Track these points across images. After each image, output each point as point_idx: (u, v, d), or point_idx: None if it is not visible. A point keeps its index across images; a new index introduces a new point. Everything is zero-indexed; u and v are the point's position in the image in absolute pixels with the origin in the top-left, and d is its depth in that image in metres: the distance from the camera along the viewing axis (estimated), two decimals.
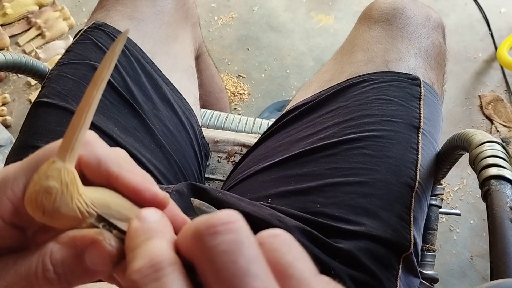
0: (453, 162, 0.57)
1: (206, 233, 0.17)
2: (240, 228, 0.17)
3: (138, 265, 0.17)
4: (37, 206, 0.19)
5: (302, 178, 0.50)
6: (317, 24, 1.42)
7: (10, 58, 0.63)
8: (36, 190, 0.19)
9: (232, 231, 0.17)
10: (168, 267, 0.17)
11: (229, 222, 0.17)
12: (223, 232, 0.17)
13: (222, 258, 0.16)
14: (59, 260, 0.20)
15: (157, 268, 0.17)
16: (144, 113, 0.58)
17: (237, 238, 0.17)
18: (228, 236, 0.17)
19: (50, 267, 0.20)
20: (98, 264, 0.20)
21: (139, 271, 0.17)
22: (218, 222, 0.17)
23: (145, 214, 0.20)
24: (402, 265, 0.45)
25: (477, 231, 1.08)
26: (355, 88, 0.55)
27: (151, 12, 0.63)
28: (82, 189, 0.20)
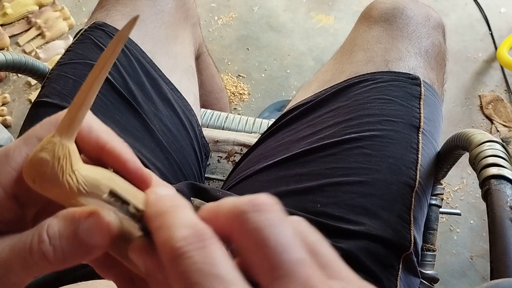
0: (453, 162, 0.57)
1: (251, 210, 0.18)
2: (281, 210, 0.19)
3: (183, 233, 0.17)
4: (30, 174, 0.20)
5: (302, 178, 0.50)
6: (317, 24, 1.42)
7: (10, 58, 0.63)
8: (31, 159, 0.20)
9: (274, 210, 0.18)
10: (212, 238, 0.18)
11: (271, 203, 0.19)
12: (267, 210, 0.18)
13: (268, 229, 0.17)
14: (56, 231, 0.20)
15: (203, 238, 0.17)
16: (144, 113, 0.58)
17: (279, 216, 0.18)
18: (272, 214, 0.18)
19: (46, 238, 0.19)
20: (95, 236, 0.19)
21: (185, 239, 0.17)
22: (262, 202, 0.18)
23: (159, 189, 0.21)
24: (402, 265, 0.45)
25: (477, 231, 1.08)
26: (355, 87, 0.55)
27: (151, 12, 0.63)
28: (77, 166, 0.21)
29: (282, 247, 0.17)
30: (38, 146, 0.20)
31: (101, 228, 0.19)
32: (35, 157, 0.20)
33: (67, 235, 0.20)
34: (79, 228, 0.19)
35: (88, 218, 0.20)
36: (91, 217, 0.20)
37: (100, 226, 0.19)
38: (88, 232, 0.19)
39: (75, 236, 0.19)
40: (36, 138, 0.22)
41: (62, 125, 0.20)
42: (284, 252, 0.17)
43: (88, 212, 0.20)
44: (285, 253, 0.17)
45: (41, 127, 0.22)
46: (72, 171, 0.20)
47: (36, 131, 0.22)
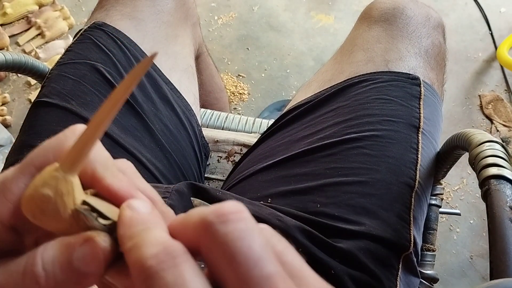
0: (453, 161, 0.57)
1: (218, 221, 0.17)
2: (249, 218, 0.18)
3: (153, 251, 0.17)
4: (30, 210, 0.19)
5: (302, 178, 0.50)
6: (317, 24, 1.42)
7: (10, 58, 0.63)
8: (32, 194, 0.19)
9: (242, 219, 0.17)
10: (183, 255, 0.17)
11: (238, 212, 0.18)
12: (234, 220, 0.17)
13: (236, 243, 0.17)
14: (50, 256, 0.19)
15: (174, 255, 0.17)
16: (144, 113, 0.58)
17: (248, 226, 0.17)
18: (239, 224, 0.17)
19: (39, 262, 0.19)
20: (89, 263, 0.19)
21: (155, 256, 0.17)
22: (228, 211, 0.18)
23: (135, 204, 0.20)
24: (402, 265, 0.45)
25: (477, 231, 1.08)
26: (355, 87, 0.55)
27: (151, 11, 0.63)
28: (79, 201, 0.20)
29: (252, 261, 0.16)
30: (38, 179, 0.19)
31: (95, 255, 0.19)
32: (37, 193, 0.19)
33: (61, 261, 0.19)
34: (73, 255, 0.19)
35: (82, 245, 0.19)
36: (85, 243, 0.19)
37: (94, 253, 0.19)
38: (83, 259, 0.19)
39: (69, 263, 0.19)
40: (34, 167, 0.21)
41: (67, 159, 0.19)
42: (255, 266, 0.16)
43: (83, 238, 0.19)
44: (256, 268, 0.16)
45: (39, 154, 0.21)
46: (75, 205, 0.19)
47: (33, 159, 0.21)
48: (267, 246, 0.17)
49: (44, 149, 0.21)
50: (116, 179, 0.21)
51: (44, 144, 0.21)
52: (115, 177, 0.21)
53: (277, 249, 0.18)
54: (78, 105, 0.54)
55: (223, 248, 0.17)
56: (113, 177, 0.21)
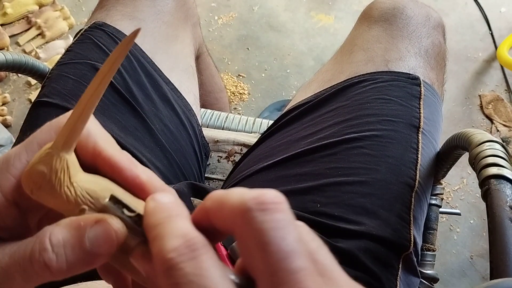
0: (453, 161, 0.57)
1: (257, 208, 0.17)
2: (287, 210, 0.18)
3: (174, 244, 0.17)
4: (27, 185, 0.20)
5: (302, 178, 0.50)
6: (317, 24, 1.42)
7: (10, 58, 0.63)
8: (29, 171, 0.20)
9: (281, 210, 0.18)
10: (203, 248, 0.18)
11: (279, 202, 0.18)
12: (273, 210, 0.17)
13: (271, 233, 0.17)
14: (60, 240, 0.19)
15: (194, 248, 0.17)
16: (144, 113, 0.58)
17: (285, 218, 0.18)
18: (278, 215, 0.17)
19: (49, 247, 0.19)
20: (102, 244, 0.19)
21: (176, 249, 0.17)
22: (269, 200, 0.18)
23: (159, 196, 0.20)
24: (402, 265, 0.45)
25: (477, 231, 1.08)
26: (355, 87, 0.55)
27: (151, 12, 0.63)
28: (76, 177, 0.20)
29: (284, 253, 0.17)
30: (36, 156, 0.20)
31: (108, 236, 0.19)
32: (32, 169, 0.20)
33: (72, 243, 0.19)
34: (84, 236, 0.19)
35: (94, 226, 0.19)
36: (98, 224, 0.19)
37: (107, 234, 0.19)
38: (95, 241, 0.19)
39: (80, 244, 0.19)
40: (37, 144, 0.21)
41: (60, 136, 0.20)
42: (286, 259, 0.17)
43: (95, 219, 0.19)
44: (287, 260, 0.17)
45: (42, 132, 0.22)
46: (70, 183, 0.20)
47: (36, 136, 0.22)
48: (300, 241, 0.17)
49: (47, 128, 0.22)
50: (117, 151, 0.22)
51: (47, 123, 0.22)
52: (115, 150, 0.22)
53: (310, 246, 0.18)
54: None
55: (258, 236, 0.17)
56: (113, 149, 0.22)
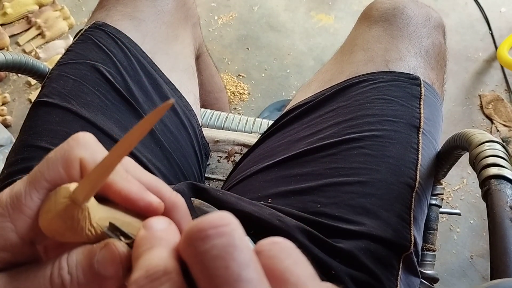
0: (453, 162, 0.57)
1: (197, 237, 0.16)
2: (232, 231, 0.17)
3: (135, 276, 0.17)
4: (49, 232, 0.20)
5: (302, 178, 0.50)
6: (317, 24, 1.42)
7: (10, 58, 0.63)
8: (51, 221, 0.20)
9: (223, 234, 0.16)
10: (163, 277, 0.17)
11: (220, 225, 0.17)
12: (214, 236, 0.16)
13: (213, 263, 0.16)
14: (74, 260, 0.20)
15: (152, 278, 0.17)
16: (144, 113, 0.58)
17: (228, 242, 0.16)
18: (219, 240, 0.16)
19: (65, 266, 0.20)
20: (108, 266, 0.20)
21: (135, 282, 0.17)
22: (209, 225, 0.17)
23: (151, 223, 0.20)
24: (402, 265, 0.45)
25: (477, 231, 1.08)
26: (355, 87, 0.55)
27: (152, 12, 0.63)
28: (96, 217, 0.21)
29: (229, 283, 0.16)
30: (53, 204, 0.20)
31: (113, 258, 0.20)
32: (54, 220, 0.20)
33: (83, 265, 0.20)
34: (94, 259, 0.20)
35: (103, 249, 0.20)
36: (105, 248, 0.20)
37: (112, 256, 0.20)
38: (102, 263, 0.20)
39: (90, 266, 0.20)
40: (46, 182, 0.21)
41: (81, 189, 0.20)
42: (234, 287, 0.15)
43: (104, 243, 0.20)
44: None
45: (49, 168, 0.21)
46: (91, 225, 0.20)
47: (44, 173, 0.21)
48: (250, 264, 0.16)
49: (52, 162, 0.21)
50: (126, 182, 0.22)
51: (50, 156, 0.22)
52: (125, 180, 0.22)
53: (281, 266, 0.17)
54: (79, 105, 0.54)
55: (202, 267, 0.16)
56: (122, 180, 0.22)
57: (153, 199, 0.22)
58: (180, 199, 0.23)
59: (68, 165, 0.21)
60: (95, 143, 0.22)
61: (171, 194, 0.23)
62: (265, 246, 0.18)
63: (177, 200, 0.23)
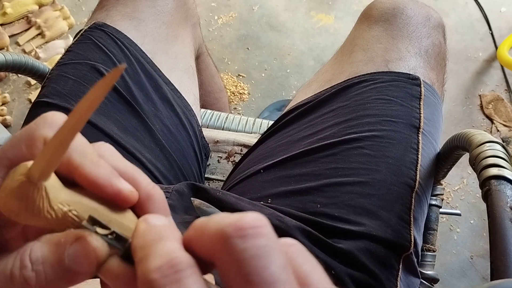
0: (453, 162, 0.57)
1: (235, 235, 0.16)
2: (270, 233, 0.17)
3: (157, 263, 0.16)
4: (5, 211, 0.19)
5: (302, 178, 0.50)
6: (317, 24, 1.42)
7: (10, 58, 0.63)
8: (4, 200, 0.19)
9: (262, 235, 0.16)
10: (188, 269, 0.17)
11: (259, 226, 0.17)
12: (253, 236, 0.16)
13: (253, 262, 0.16)
14: (39, 257, 0.19)
15: (177, 269, 0.16)
16: (144, 113, 0.58)
17: (268, 243, 0.16)
18: (259, 241, 0.16)
19: (28, 264, 0.18)
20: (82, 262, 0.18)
21: (159, 269, 0.16)
22: (248, 225, 0.16)
23: (151, 218, 0.19)
24: (402, 265, 0.45)
25: (477, 231, 1.08)
26: (355, 88, 0.55)
27: (151, 12, 0.63)
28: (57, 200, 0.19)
29: (267, 284, 0.16)
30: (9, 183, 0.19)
31: (87, 254, 0.18)
32: (8, 199, 0.19)
33: (52, 261, 0.19)
34: (64, 254, 0.18)
35: (74, 243, 0.19)
36: (77, 242, 0.19)
37: (86, 251, 0.18)
38: (74, 258, 0.18)
39: (60, 262, 0.18)
40: (7, 159, 0.20)
41: (36, 165, 0.19)
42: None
43: (74, 236, 0.19)
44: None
45: (12, 145, 0.20)
46: (51, 207, 0.19)
47: (5, 151, 0.20)
48: (286, 267, 0.16)
49: (16, 140, 0.21)
50: (95, 166, 0.20)
51: (16, 134, 0.21)
52: (94, 164, 0.20)
53: (301, 270, 0.17)
54: None
55: (239, 265, 0.16)
56: (92, 164, 0.20)
57: (124, 187, 0.21)
58: (157, 191, 0.22)
59: (31, 143, 0.20)
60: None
61: (147, 185, 0.22)
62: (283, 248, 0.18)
63: (153, 192, 0.22)
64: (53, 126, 0.21)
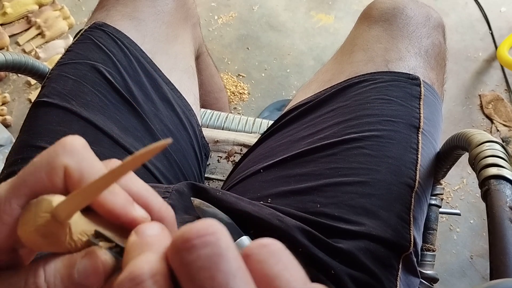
0: (453, 162, 0.57)
1: (183, 247, 0.16)
2: (218, 240, 0.16)
3: (119, 278, 0.17)
4: (28, 243, 0.20)
5: (302, 178, 0.50)
6: (317, 23, 1.42)
7: (10, 58, 0.63)
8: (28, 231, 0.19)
9: (209, 244, 0.16)
10: (148, 280, 0.16)
11: (206, 234, 0.16)
12: (199, 246, 0.16)
13: (199, 274, 0.16)
14: (52, 269, 0.19)
15: (137, 282, 0.16)
16: (144, 113, 0.58)
17: (214, 252, 0.16)
18: (204, 250, 0.16)
19: (41, 274, 0.19)
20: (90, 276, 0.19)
21: (119, 284, 0.16)
22: (194, 234, 0.16)
23: (143, 228, 0.19)
24: (402, 265, 0.45)
25: (477, 231, 1.08)
26: (355, 88, 0.55)
27: (151, 12, 0.63)
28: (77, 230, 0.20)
29: None
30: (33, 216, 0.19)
31: (95, 268, 0.19)
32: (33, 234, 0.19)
33: (62, 274, 0.19)
34: (74, 268, 0.19)
35: (84, 258, 0.19)
36: (86, 256, 0.19)
37: (94, 265, 0.19)
38: (83, 272, 0.19)
39: (70, 275, 0.19)
40: (26, 187, 0.20)
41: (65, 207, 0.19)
42: None
43: (85, 252, 0.19)
44: None
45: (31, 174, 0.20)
46: (72, 239, 0.20)
47: (25, 179, 0.20)
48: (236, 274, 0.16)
49: (36, 167, 0.20)
50: (111, 195, 0.20)
51: (34, 161, 0.21)
52: (110, 192, 0.20)
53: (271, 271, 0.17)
54: (78, 105, 0.54)
55: (188, 278, 0.16)
56: (108, 192, 0.20)
57: (138, 215, 0.21)
58: (169, 213, 0.22)
59: (51, 172, 0.20)
60: (83, 149, 0.21)
61: (160, 208, 0.22)
62: (253, 250, 0.17)
63: (166, 215, 0.22)
64: (73, 153, 0.21)
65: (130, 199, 0.21)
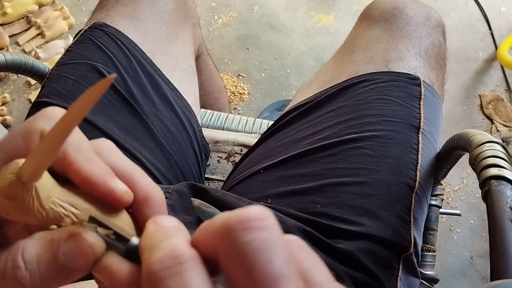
0: (453, 162, 0.57)
1: (239, 227, 0.16)
2: (274, 227, 0.16)
3: (159, 255, 0.16)
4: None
5: (302, 178, 0.50)
6: (317, 24, 1.42)
7: (10, 58, 0.63)
8: None
9: (267, 228, 0.16)
10: (190, 261, 0.16)
11: (263, 219, 0.16)
12: (257, 228, 0.16)
13: (256, 256, 0.15)
14: (33, 255, 0.18)
15: (179, 261, 0.16)
16: (144, 113, 0.58)
17: (272, 237, 0.16)
18: (263, 234, 0.16)
19: (21, 264, 0.18)
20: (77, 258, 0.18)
21: (160, 261, 0.16)
22: (252, 217, 0.16)
23: (161, 219, 0.19)
24: (402, 266, 0.45)
25: (477, 231, 1.08)
26: (355, 88, 0.55)
27: (151, 12, 0.63)
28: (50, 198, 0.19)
29: (271, 278, 0.15)
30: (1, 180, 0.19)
31: (83, 251, 0.18)
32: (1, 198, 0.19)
33: (46, 260, 0.18)
34: (58, 252, 0.18)
35: (68, 240, 0.18)
36: (71, 239, 0.18)
37: (82, 248, 0.18)
38: (69, 256, 0.18)
39: (54, 260, 0.18)
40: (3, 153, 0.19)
41: (27, 164, 0.18)
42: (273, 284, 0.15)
43: (68, 233, 0.18)
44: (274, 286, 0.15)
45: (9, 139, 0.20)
46: (42, 206, 0.19)
47: (3, 145, 0.20)
48: (290, 262, 0.16)
49: (14, 134, 0.20)
50: (89, 163, 0.20)
51: (14, 128, 0.21)
52: (89, 161, 0.20)
53: (303, 265, 0.17)
54: None
55: (242, 259, 0.15)
56: (86, 160, 0.20)
57: (117, 186, 0.20)
58: (156, 192, 0.21)
59: (27, 136, 0.20)
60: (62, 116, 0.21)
61: (146, 186, 0.21)
62: None
63: (152, 194, 0.21)
64: (51, 119, 0.20)
65: (111, 172, 0.20)
